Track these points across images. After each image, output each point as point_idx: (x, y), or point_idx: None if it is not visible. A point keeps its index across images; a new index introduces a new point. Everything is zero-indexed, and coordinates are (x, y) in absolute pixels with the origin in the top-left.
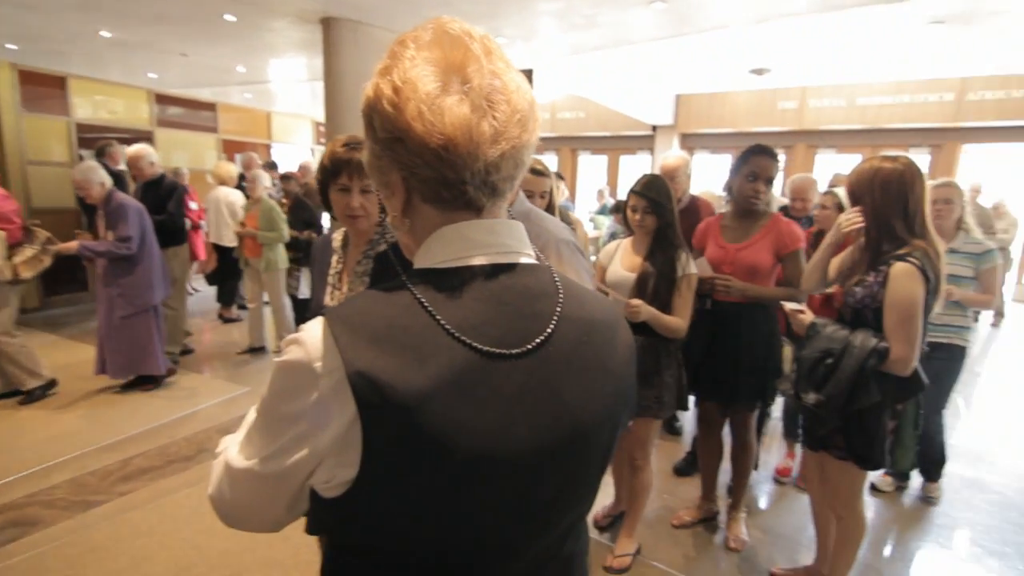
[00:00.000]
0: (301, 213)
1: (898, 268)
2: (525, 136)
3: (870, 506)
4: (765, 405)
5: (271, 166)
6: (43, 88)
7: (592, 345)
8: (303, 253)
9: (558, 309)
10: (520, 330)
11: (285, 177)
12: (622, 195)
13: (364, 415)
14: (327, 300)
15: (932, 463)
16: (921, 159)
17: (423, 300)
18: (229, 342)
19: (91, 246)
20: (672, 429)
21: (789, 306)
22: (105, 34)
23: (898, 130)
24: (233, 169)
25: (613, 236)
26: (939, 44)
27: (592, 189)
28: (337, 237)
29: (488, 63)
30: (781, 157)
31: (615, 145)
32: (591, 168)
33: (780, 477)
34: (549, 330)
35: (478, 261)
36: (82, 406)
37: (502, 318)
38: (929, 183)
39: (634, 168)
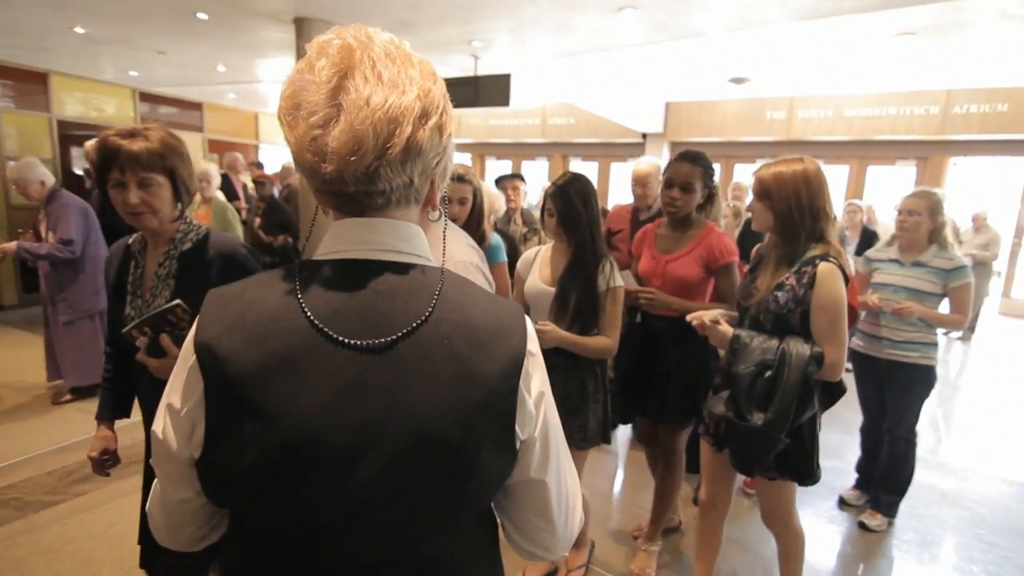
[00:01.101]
0: (275, 216)
1: (825, 269)
2: (356, 159)
3: (840, 520)
4: (701, 420)
5: (257, 166)
6: (24, 84)
7: (460, 351)
8: (277, 258)
9: (427, 311)
10: (373, 325)
11: (258, 182)
12: (612, 201)
13: (205, 384)
14: (127, 309)
15: (894, 491)
16: (908, 171)
17: (298, 286)
18: None
19: (30, 248)
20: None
21: (707, 321)
22: (79, 30)
23: (885, 142)
24: (211, 169)
25: None
26: (918, 56)
27: None
28: (133, 240)
29: (348, 77)
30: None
31: (606, 152)
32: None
33: (747, 489)
34: (406, 330)
35: (347, 255)
36: (47, 405)
37: (354, 310)
38: (901, 194)
39: (625, 175)
